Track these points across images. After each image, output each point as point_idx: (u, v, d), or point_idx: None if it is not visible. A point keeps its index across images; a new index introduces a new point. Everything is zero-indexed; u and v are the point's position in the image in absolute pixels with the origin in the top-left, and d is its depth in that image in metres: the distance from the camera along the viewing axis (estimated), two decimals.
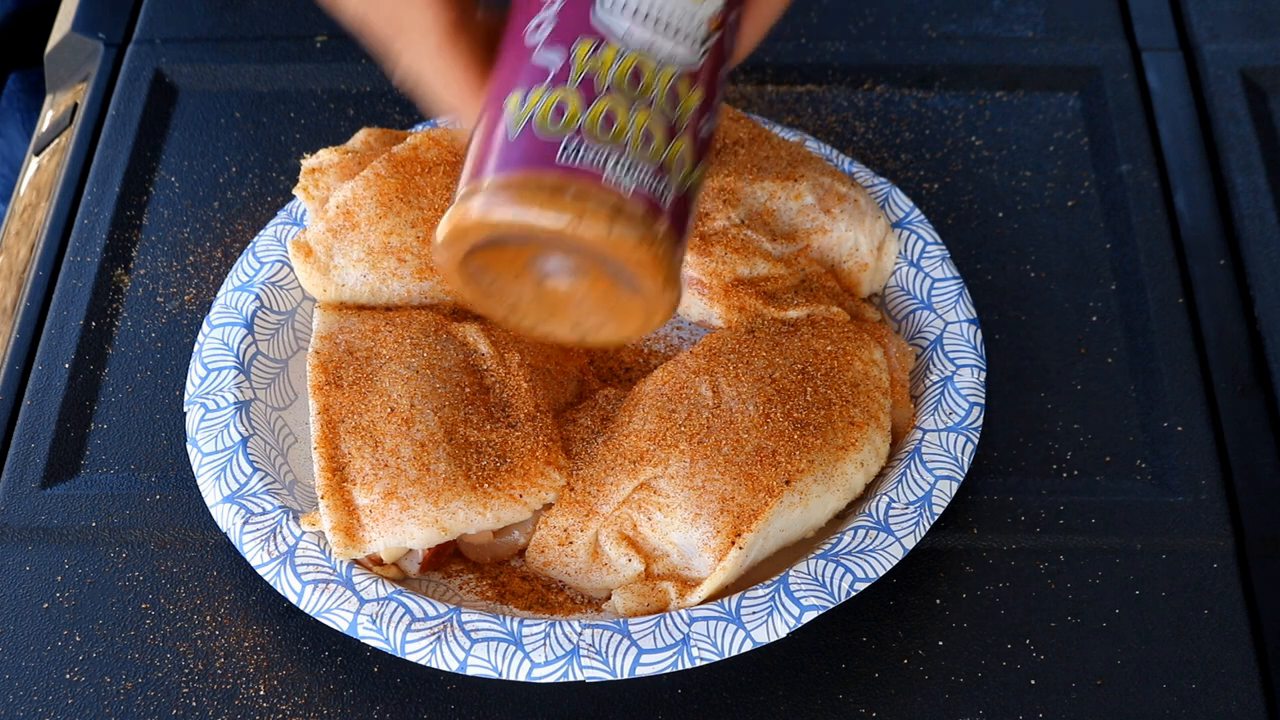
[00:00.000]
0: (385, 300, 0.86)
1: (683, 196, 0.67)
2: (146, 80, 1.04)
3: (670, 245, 0.66)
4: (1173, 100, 1.01)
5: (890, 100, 1.02)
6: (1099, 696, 0.77)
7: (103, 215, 0.97)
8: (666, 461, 0.78)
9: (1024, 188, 0.97)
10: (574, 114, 0.65)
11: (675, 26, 0.67)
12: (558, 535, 0.78)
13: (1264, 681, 0.77)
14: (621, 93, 0.66)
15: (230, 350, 0.86)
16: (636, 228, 0.65)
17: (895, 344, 0.84)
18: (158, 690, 0.78)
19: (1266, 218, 0.95)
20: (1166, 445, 0.85)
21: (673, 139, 0.66)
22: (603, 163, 0.65)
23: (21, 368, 0.91)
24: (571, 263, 0.68)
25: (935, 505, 0.79)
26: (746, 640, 0.75)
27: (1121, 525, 0.83)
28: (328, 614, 0.76)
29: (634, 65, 0.66)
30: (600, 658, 0.74)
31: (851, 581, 0.76)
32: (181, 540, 0.83)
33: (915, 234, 0.90)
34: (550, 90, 0.66)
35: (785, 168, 0.88)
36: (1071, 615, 0.80)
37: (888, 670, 0.78)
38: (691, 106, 0.67)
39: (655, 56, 0.66)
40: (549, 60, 0.66)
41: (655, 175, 0.66)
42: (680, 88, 0.67)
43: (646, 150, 0.66)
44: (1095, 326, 0.91)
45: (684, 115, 0.67)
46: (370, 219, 0.85)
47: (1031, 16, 1.07)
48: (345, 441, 0.79)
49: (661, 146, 0.66)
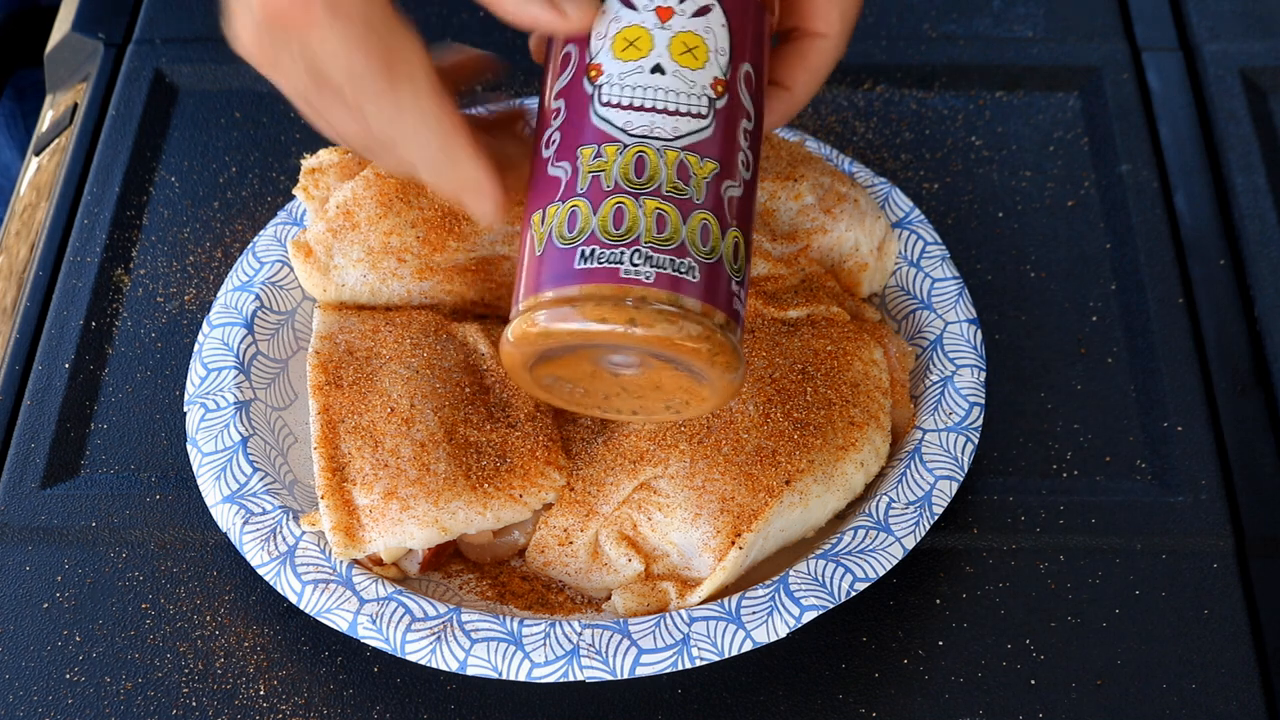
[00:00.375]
0: (385, 300, 0.86)
1: (713, 266, 0.67)
2: (146, 80, 1.04)
3: (705, 317, 0.66)
4: (1173, 100, 1.01)
5: (890, 100, 1.02)
6: (1099, 696, 0.77)
7: (103, 215, 0.97)
8: (666, 461, 0.78)
9: (1024, 188, 0.97)
10: (586, 220, 0.66)
11: (674, 104, 0.68)
12: (558, 535, 0.78)
13: (1264, 681, 0.77)
14: (627, 186, 0.67)
15: (230, 350, 0.86)
16: (661, 314, 0.65)
17: (895, 344, 0.84)
18: (158, 690, 0.78)
19: (1266, 218, 0.95)
20: (1166, 445, 0.85)
21: (689, 215, 0.67)
22: (619, 259, 0.66)
23: (21, 368, 0.91)
24: (627, 356, 0.69)
25: (935, 505, 0.79)
26: (746, 640, 0.75)
27: (1121, 525, 0.83)
28: (328, 614, 0.76)
29: (635, 156, 0.67)
30: (600, 658, 0.74)
31: (851, 581, 0.76)
32: (181, 540, 0.83)
33: (915, 234, 0.89)
34: (563, 203, 0.67)
35: (785, 168, 0.88)
36: (1071, 615, 0.80)
37: (888, 670, 0.78)
38: (706, 176, 0.67)
39: (658, 140, 0.67)
40: (559, 172, 0.68)
41: (677, 255, 0.66)
42: (690, 162, 0.67)
43: (663, 234, 0.66)
44: (1095, 326, 0.91)
45: (699, 188, 0.67)
46: (370, 219, 0.85)
47: (1031, 16, 1.07)
48: (345, 441, 0.79)
49: (678, 226, 0.66)
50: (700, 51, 0.68)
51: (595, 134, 0.68)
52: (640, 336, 0.66)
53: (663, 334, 0.66)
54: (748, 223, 0.69)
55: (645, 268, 0.66)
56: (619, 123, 0.67)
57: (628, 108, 0.67)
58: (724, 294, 0.67)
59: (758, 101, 0.70)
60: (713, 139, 0.68)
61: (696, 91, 0.68)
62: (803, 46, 0.74)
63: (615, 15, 0.69)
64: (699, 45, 0.68)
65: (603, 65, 0.68)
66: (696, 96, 0.68)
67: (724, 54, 0.69)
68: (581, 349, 0.68)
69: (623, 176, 0.67)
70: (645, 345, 0.66)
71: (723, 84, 0.68)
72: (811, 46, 0.74)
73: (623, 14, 0.69)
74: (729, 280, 0.67)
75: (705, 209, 0.67)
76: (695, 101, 0.68)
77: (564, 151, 0.68)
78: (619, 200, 0.66)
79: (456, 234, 0.85)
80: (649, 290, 0.65)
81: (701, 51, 0.68)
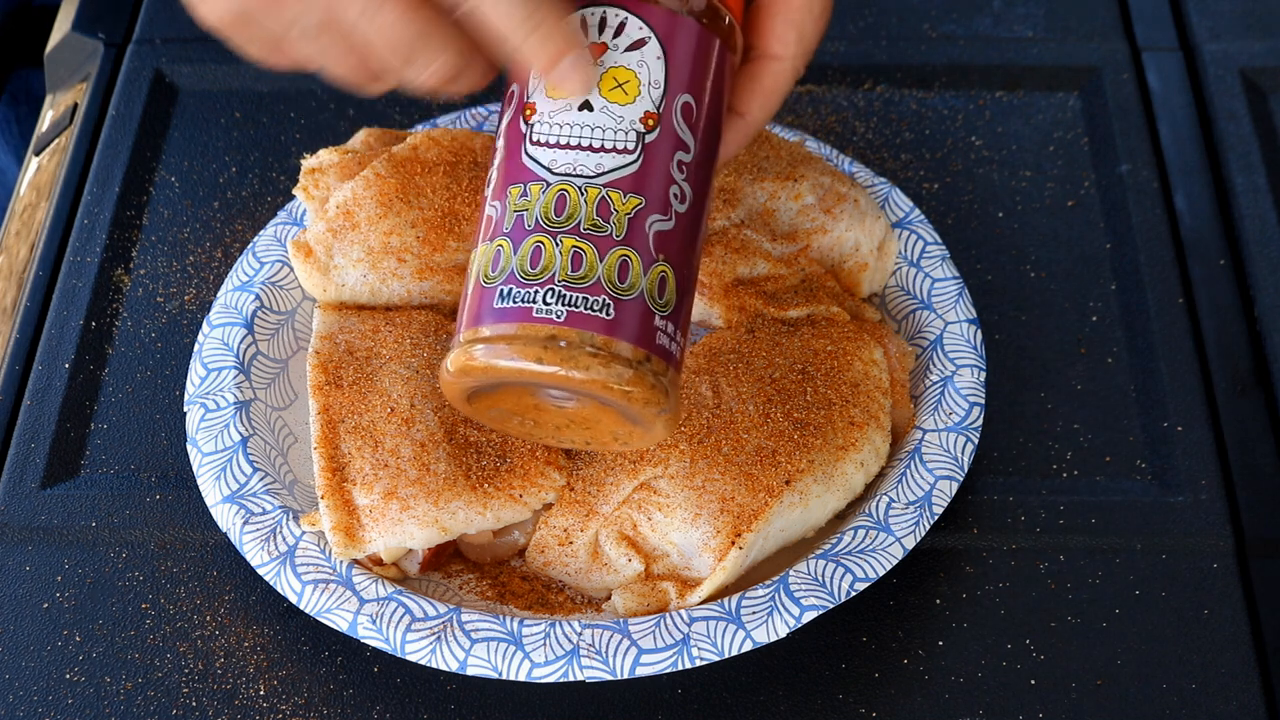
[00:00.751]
0: (385, 300, 0.86)
1: (631, 303, 0.67)
2: (146, 80, 1.04)
3: (619, 356, 0.67)
4: (1173, 100, 1.01)
5: (890, 100, 1.02)
6: (1099, 696, 0.77)
7: (103, 215, 0.97)
8: (666, 461, 0.78)
9: (1024, 188, 0.97)
10: (507, 259, 0.67)
11: (598, 140, 0.68)
12: (558, 535, 0.78)
13: (1264, 681, 0.77)
14: (547, 225, 0.67)
15: (230, 350, 0.86)
16: (571, 352, 0.66)
17: (895, 344, 0.84)
18: (158, 690, 0.78)
19: (1266, 218, 0.95)
20: (1166, 445, 0.85)
21: (607, 253, 0.67)
22: (531, 299, 0.66)
23: (21, 368, 0.91)
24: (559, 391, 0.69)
25: (935, 505, 0.79)
26: (746, 640, 0.75)
27: (1121, 525, 0.83)
28: (328, 614, 0.76)
29: (557, 195, 0.67)
30: (600, 658, 0.74)
31: (851, 581, 0.76)
32: (181, 540, 0.83)
33: (915, 234, 0.90)
34: (490, 242, 0.68)
35: (785, 168, 0.88)
36: (1071, 615, 0.80)
37: (888, 670, 0.78)
38: (629, 212, 0.67)
39: (580, 178, 0.68)
40: (492, 211, 0.69)
41: (590, 293, 0.67)
42: (612, 198, 0.67)
43: (577, 272, 0.67)
44: (1095, 326, 0.91)
45: (619, 224, 0.67)
46: (370, 219, 0.85)
47: (1031, 16, 1.07)
48: (345, 441, 0.79)
49: (594, 264, 0.67)
50: (631, 86, 0.68)
51: (524, 173, 0.68)
52: (549, 374, 0.66)
53: (571, 372, 0.66)
54: (682, 255, 0.69)
55: (557, 306, 0.66)
56: (545, 161, 0.68)
57: (554, 145, 0.68)
58: (645, 330, 0.67)
59: (701, 132, 0.70)
60: (639, 174, 0.68)
61: (624, 127, 0.68)
62: (757, 69, 0.72)
63: None
64: (630, 80, 0.68)
65: (536, 104, 0.69)
66: (624, 132, 0.68)
67: (658, 87, 0.68)
68: (508, 385, 0.69)
69: (543, 215, 0.67)
70: (556, 383, 0.67)
71: (654, 117, 0.68)
72: (766, 69, 0.72)
73: None
74: (652, 315, 0.68)
75: (625, 245, 0.67)
76: (621, 137, 0.68)
77: (497, 190, 0.69)
78: (538, 240, 0.67)
79: (456, 234, 0.85)
80: (559, 329, 0.66)
81: (632, 86, 0.68)
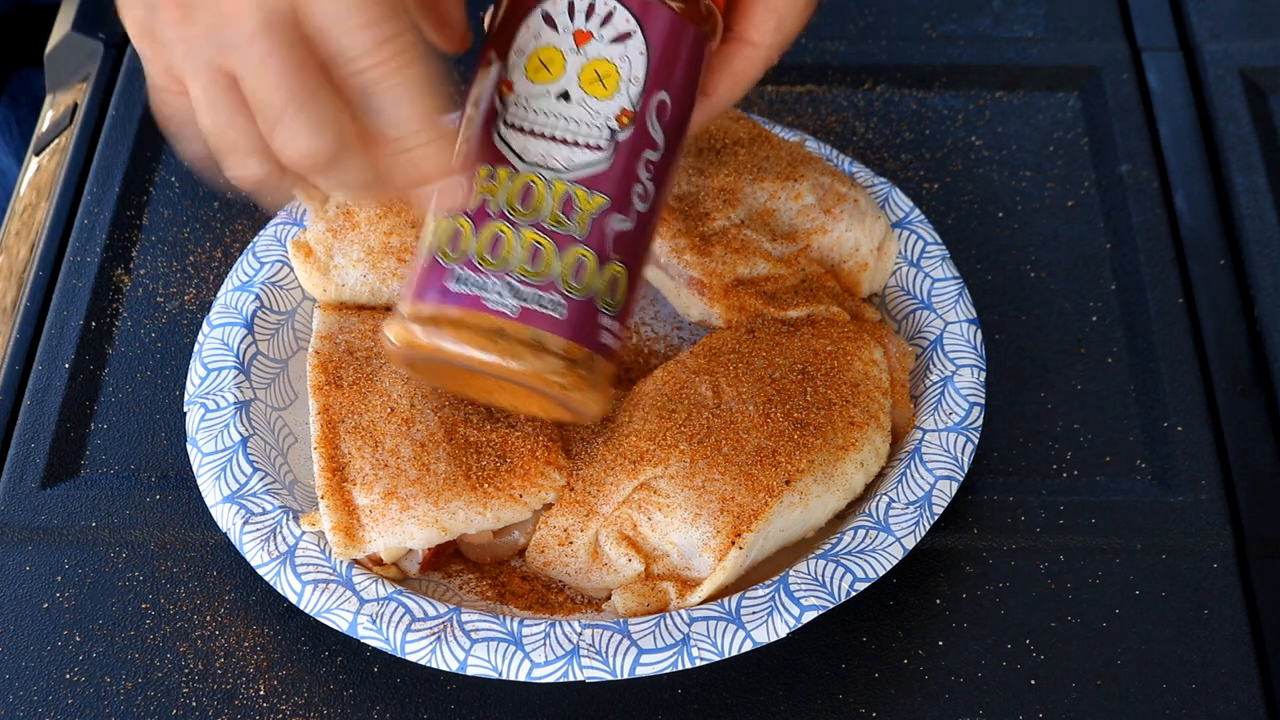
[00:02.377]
0: (385, 300, 0.86)
1: (582, 303, 0.68)
2: (146, 80, 1.04)
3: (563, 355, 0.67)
4: (1173, 100, 1.01)
5: (890, 100, 1.02)
6: (1099, 696, 0.77)
7: (103, 215, 0.97)
8: (666, 461, 0.78)
9: (1024, 188, 0.97)
10: (467, 241, 0.67)
11: (572, 134, 0.68)
12: (558, 535, 0.78)
13: (1264, 681, 0.77)
14: (510, 214, 0.67)
15: (230, 350, 0.86)
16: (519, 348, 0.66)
17: (895, 344, 0.84)
18: (158, 690, 0.78)
19: (1266, 218, 0.95)
20: (1166, 445, 0.85)
21: (565, 250, 0.67)
22: (485, 288, 0.66)
23: (21, 368, 0.91)
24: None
25: (935, 505, 0.79)
26: (746, 640, 0.75)
27: (1121, 525, 0.83)
28: (328, 614, 0.76)
29: (524, 185, 0.67)
30: (600, 658, 0.74)
31: (851, 581, 0.76)
32: (181, 540, 0.83)
33: (915, 234, 0.90)
34: (450, 217, 0.68)
35: (785, 168, 0.88)
36: (1071, 615, 0.80)
37: (888, 670, 0.78)
38: (593, 211, 0.67)
39: (549, 170, 0.67)
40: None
41: (544, 290, 0.67)
42: (577, 195, 0.67)
43: (535, 268, 0.67)
44: (1095, 326, 0.91)
45: (582, 223, 0.67)
46: (370, 219, 0.85)
47: (1031, 16, 1.07)
48: (345, 441, 0.79)
49: (552, 261, 0.67)
50: (611, 80, 0.68)
51: (493, 154, 0.68)
52: (489, 362, 0.67)
53: (518, 368, 0.67)
54: (636, 256, 0.70)
55: (511, 300, 0.67)
56: (516, 147, 0.68)
57: (527, 133, 0.68)
58: (590, 329, 0.68)
59: (670, 131, 0.70)
60: (607, 173, 0.68)
61: (599, 123, 0.68)
62: (730, 51, 0.72)
63: (536, 32, 0.69)
64: (611, 73, 0.68)
65: (514, 83, 0.68)
66: (598, 128, 0.68)
67: (637, 83, 0.68)
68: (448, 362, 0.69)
69: (508, 204, 0.67)
70: (495, 370, 0.67)
71: (630, 115, 0.68)
72: (739, 53, 0.72)
73: (543, 32, 0.69)
74: (599, 315, 0.68)
75: (584, 244, 0.68)
76: (595, 133, 0.68)
77: (464, 165, 0.68)
78: (500, 228, 0.67)
79: None
80: (509, 324, 0.66)
81: (612, 80, 0.68)
